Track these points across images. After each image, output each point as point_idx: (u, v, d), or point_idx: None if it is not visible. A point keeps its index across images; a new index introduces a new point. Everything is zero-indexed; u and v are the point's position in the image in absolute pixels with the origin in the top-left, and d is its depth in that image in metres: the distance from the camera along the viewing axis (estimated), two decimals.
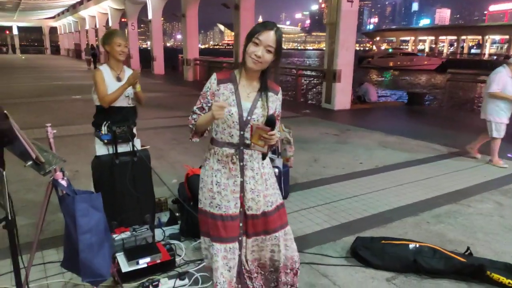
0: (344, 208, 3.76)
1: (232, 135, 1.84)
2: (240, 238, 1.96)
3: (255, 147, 1.72)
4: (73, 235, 1.84)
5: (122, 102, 2.95)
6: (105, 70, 2.97)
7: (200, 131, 1.89)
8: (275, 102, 1.90)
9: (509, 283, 2.47)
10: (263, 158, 1.87)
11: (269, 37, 1.74)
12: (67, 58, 40.41)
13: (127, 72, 3.05)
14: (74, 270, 1.98)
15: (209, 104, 1.85)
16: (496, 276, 2.51)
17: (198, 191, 2.02)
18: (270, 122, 1.69)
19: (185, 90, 14.13)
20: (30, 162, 1.58)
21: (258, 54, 1.74)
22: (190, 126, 1.90)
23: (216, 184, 1.89)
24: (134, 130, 2.99)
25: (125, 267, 2.47)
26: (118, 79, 2.95)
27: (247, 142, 1.82)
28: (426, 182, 4.51)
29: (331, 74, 9.74)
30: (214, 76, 1.87)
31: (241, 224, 1.94)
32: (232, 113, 1.81)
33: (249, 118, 1.82)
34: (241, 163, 1.88)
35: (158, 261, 2.57)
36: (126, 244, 2.64)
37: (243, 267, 2.02)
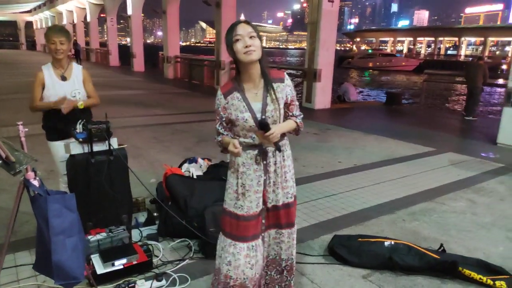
0: (323, 206, 3.80)
1: (254, 137, 1.89)
2: (263, 235, 2.01)
3: (265, 145, 1.87)
4: (46, 236, 1.80)
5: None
6: (47, 70, 2.85)
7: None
8: (283, 90, 1.91)
9: (480, 278, 2.55)
10: (279, 150, 1.88)
11: (244, 27, 1.79)
12: (44, 54, 39.30)
13: (75, 69, 2.93)
14: (47, 272, 1.93)
15: (224, 119, 1.92)
16: (468, 272, 2.58)
17: (178, 191, 2.02)
18: (261, 125, 1.75)
19: (165, 87, 13.98)
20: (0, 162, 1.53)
21: (247, 43, 1.76)
22: (219, 146, 1.99)
23: (241, 186, 1.94)
24: None
25: (100, 268, 2.43)
26: (63, 78, 2.83)
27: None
28: (402, 180, 4.61)
29: (312, 73, 9.81)
30: (219, 92, 1.91)
31: (263, 221, 1.99)
32: (246, 119, 1.84)
33: (263, 117, 1.85)
34: (265, 162, 1.93)
35: (135, 262, 2.53)
36: (101, 246, 2.59)
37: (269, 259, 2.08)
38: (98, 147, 2.82)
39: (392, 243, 2.83)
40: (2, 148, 1.51)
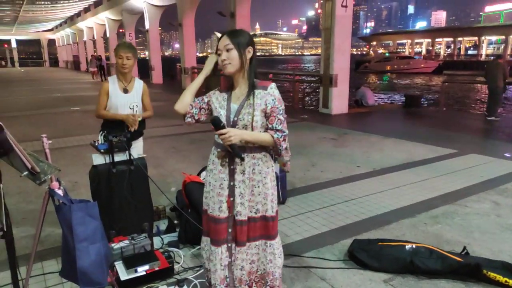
0: (342, 211, 3.78)
1: None
2: (229, 245, 1.99)
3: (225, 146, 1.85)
4: (70, 244, 1.87)
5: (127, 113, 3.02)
6: (112, 82, 3.03)
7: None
8: (263, 97, 1.89)
9: (506, 281, 2.49)
10: (237, 156, 1.84)
11: (222, 40, 1.88)
12: (66, 70, 40.60)
13: (137, 83, 3.11)
14: (72, 278, 1.99)
15: (207, 99, 2.02)
16: (492, 274, 2.52)
17: (197, 198, 2.08)
18: (213, 122, 1.80)
19: None
20: (25, 173, 1.61)
21: (222, 58, 1.87)
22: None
23: (209, 184, 1.99)
24: (140, 139, 3.06)
25: (124, 275, 2.49)
26: (125, 90, 2.99)
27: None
28: (423, 184, 4.53)
29: (328, 78, 9.80)
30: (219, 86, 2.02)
31: (229, 230, 1.97)
32: (220, 114, 1.91)
33: (235, 119, 1.88)
34: (232, 166, 1.92)
35: (157, 268, 2.58)
36: (124, 253, 2.66)
37: (235, 279, 2.02)
38: (119, 157, 2.91)
39: (413, 246, 2.79)
40: (28, 159, 1.59)
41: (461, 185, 4.48)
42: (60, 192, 1.93)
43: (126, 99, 3.09)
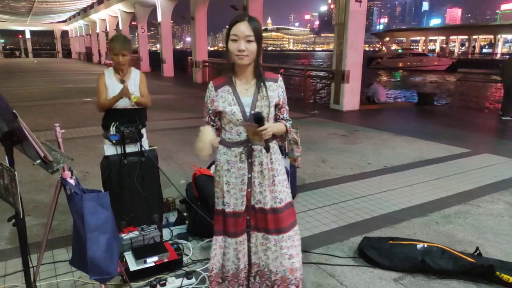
0: (352, 208, 3.74)
1: (240, 132, 1.89)
2: (248, 230, 2.01)
3: (254, 142, 1.79)
4: (81, 233, 1.87)
5: (126, 105, 2.97)
6: (108, 74, 3.00)
7: None
8: (276, 90, 1.90)
9: None
10: (267, 150, 1.85)
11: (243, 28, 1.75)
12: (78, 62, 40.97)
13: (134, 73, 3.07)
14: (82, 267, 2.00)
15: (211, 111, 1.94)
16: (506, 276, 2.47)
17: (207, 191, 2.06)
18: (256, 119, 1.74)
19: (194, 92, 14.21)
20: (38, 161, 1.61)
21: (240, 48, 1.76)
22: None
23: (226, 184, 1.96)
24: (143, 131, 3.02)
25: (133, 265, 2.50)
26: (122, 81, 2.97)
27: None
28: (435, 183, 4.47)
29: (340, 74, 9.71)
30: (210, 84, 1.94)
31: (248, 217, 1.98)
32: (234, 112, 1.85)
33: (252, 112, 1.84)
34: (249, 160, 1.92)
35: (166, 260, 2.59)
36: (134, 243, 2.67)
37: (254, 266, 2.04)
38: (130, 148, 2.91)
39: (425, 245, 2.75)
40: (41, 147, 1.59)
41: (474, 185, 4.40)
42: (72, 181, 1.93)
43: None
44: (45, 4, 30.68)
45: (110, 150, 2.89)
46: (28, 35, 53.15)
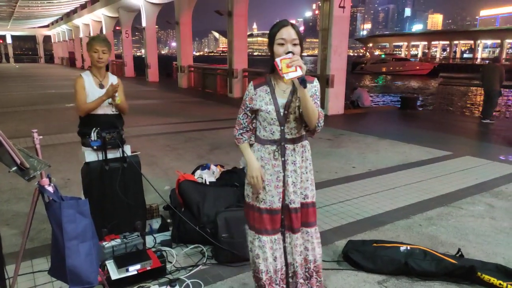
0: (337, 212, 3.76)
1: (274, 131, 1.96)
2: (282, 230, 2.04)
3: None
4: (60, 241, 1.83)
5: (106, 110, 2.93)
6: (86, 77, 2.95)
7: None
8: (311, 89, 1.94)
9: (500, 284, 2.48)
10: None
11: (290, 32, 1.86)
12: (61, 67, 40.34)
13: (111, 79, 3.03)
14: (61, 277, 1.95)
15: (248, 108, 2.00)
16: (487, 277, 2.51)
17: (190, 198, 2.04)
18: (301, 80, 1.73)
19: (179, 96, 14.13)
20: (14, 168, 1.57)
21: (289, 50, 1.83)
22: (235, 141, 2.05)
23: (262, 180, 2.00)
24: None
25: (115, 274, 2.45)
26: (101, 86, 2.93)
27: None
28: (418, 185, 4.53)
29: (324, 79, 9.78)
30: (251, 83, 2.02)
31: (282, 217, 2.03)
32: (269, 111, 1.92)
33: (286, 112, 1.92)
34: (283, 159, 1.98)
35: (149, 268, 2.55)
36: (116, 252, 2.62)
37: (290, 267, 2.08)
38: (112, 154, 2.86)
39: (408, 248, 2.78)
40: (17, 154, 1.55)
41: (456, 187, 4.48)
42: (50, 188, 1.88)
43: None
44: (27, 8, 30.15)
45: (91, 156, 2.84)
46: (9, 40, 52.18)
